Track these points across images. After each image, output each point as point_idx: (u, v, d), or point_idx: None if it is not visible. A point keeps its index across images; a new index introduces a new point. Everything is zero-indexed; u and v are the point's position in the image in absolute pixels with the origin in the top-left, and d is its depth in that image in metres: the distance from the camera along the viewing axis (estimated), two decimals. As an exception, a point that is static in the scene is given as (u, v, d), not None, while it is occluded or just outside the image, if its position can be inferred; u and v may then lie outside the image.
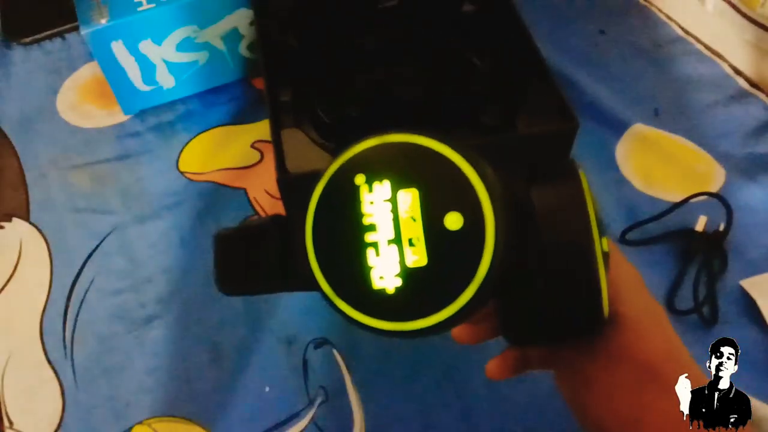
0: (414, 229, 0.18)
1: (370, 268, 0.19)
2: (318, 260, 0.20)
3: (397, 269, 0.19)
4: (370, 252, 0.19)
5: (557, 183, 0.22)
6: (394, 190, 0.19)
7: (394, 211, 0.19)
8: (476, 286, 0.18)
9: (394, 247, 0.19)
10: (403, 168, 0.19)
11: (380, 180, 0.19)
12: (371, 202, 0.19)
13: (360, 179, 0.19)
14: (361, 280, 0.19)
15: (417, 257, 0.18)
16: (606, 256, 0.23)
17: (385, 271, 0.19)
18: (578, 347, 0.25)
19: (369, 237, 0.19)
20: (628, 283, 0.26)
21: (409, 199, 0.18)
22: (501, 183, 0.19)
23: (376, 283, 0.19)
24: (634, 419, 0.24)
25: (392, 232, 0.19)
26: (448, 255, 0.18)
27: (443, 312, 0.18)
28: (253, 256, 0.23)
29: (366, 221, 0.19)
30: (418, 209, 0.18)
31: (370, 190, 0.19)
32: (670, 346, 0.25)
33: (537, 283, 0.21)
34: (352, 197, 0.19)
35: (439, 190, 0.18)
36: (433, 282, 0.18)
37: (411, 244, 0.18)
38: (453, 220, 0.18)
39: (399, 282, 0.19)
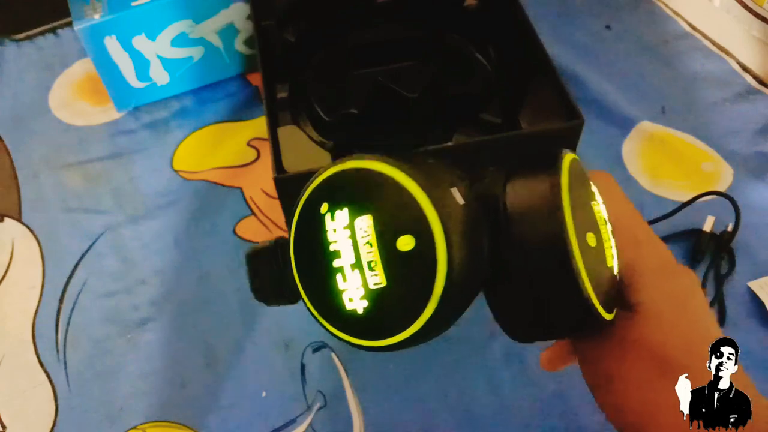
0: (372, 253, 0.19)
1: (341, 291, 0.20)
2: (301, 282, 0.22)
3: (362, 292, 0.20)
4: (338, 277, 0.20)
5: (531, 180, 0.22)
6: (352, 217, 0.20)
7: (353, 237, 0.20)
8: (435, 303, 0.19)
9: (357, 272, 0.20)
10: (359, 195, 0.20)
11: (340, 208, 0.20)
12: (334, 230, 0.20)
13: (324, 208, 0.21)
14: (334, 302, 0.20)
15: (378, 280, 0.20)
16: (595, 251, 0.22)
17: (353, 294, 0.20)
18: (596, 339, 0.24)
19: (335, 263, 0.20)
20: (652, 267, 0.24)
21: (365, 225, 0.20)
22: (465, 195, 0.20)
23: (347, 306, 0.20)
24: (651, 413, 0.23)
25: (353, 257, 0.20)
26: (405, 276, 0.19)
27: (409, 329, 0.19)
28: (267, 275, 0.25)
29: (331, 248, 0.20)
30: (373, 234, 0.19)
31: (333, 218, 0.20)
32: (695, 336, 0.24)
33: (516, 285, 0.22)
34: (319, 226, 0.21)
35: (391, 214, 0.19)
36: (395, 302, 0.20)
37: (371, 267, 0.20)
38: (405, 243, 0.19)
39: (366, 303, 0.20)
